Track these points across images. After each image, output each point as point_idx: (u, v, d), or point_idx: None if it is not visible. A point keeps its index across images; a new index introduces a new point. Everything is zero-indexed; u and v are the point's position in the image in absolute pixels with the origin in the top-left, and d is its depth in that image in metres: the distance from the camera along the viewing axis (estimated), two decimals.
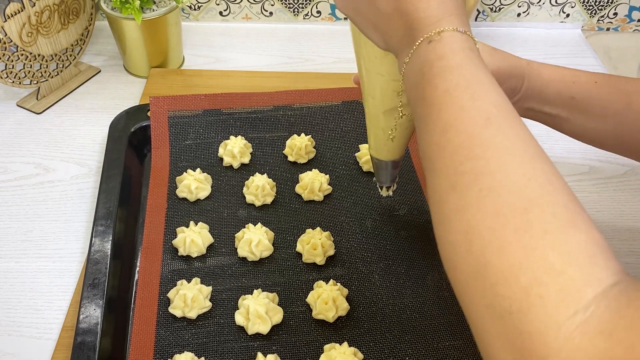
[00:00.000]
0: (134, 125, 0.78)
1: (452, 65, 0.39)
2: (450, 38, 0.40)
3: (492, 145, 0.36)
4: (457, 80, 0.38)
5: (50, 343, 0.60)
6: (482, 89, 0.38)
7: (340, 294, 0.61)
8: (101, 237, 0.64)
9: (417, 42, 0.41)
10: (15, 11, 0.78)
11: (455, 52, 0.40)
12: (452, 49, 0.40)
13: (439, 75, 0.39)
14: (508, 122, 0.37)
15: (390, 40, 0.45)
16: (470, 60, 0.40)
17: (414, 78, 0.42)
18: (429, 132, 0.39)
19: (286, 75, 0.93)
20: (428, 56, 0.40)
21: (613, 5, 1.04)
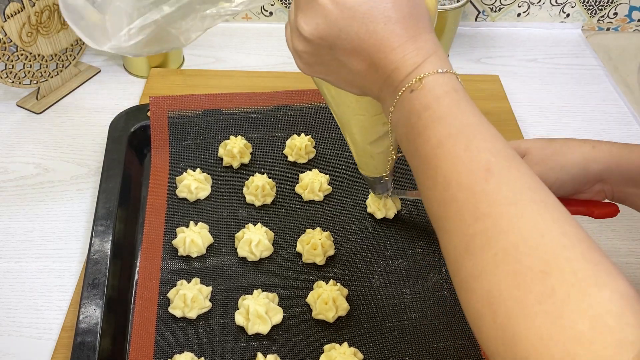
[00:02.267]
0: (134, 126, 0.78)
1: (439, 115, 0.38)
2: (432, 83, 0.39)
3: (498, 201, 0.34)
4: (448, 131, 0.37)
5: (50, 343, 0.60)
6: (476, 136, 0.37)
7: (340, 294, 0.61)
8: (101, 237, 0.64)
9: (398, 93, 0.40)
10: (15, 11, 0.78)
11: (440, 99, 0.38)
12: (435, 95, 0.39)
13: (428, 127, 0.38)
14: (509, 171, 0.35)
15: (370, 92, 0.44)
16: (457, 105, 0.38)
17: (402, 128, 0.41)
18: (430, 188, 0.38)
19: (286, 75, 0.93)
20: (413, 107, 0.39)
21: (613, 5, 1.04)
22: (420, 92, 0.39)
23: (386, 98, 0.42)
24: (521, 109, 0.90)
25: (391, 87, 0.41)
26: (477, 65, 0.99)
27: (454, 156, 0.36)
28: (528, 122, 0.88)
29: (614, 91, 0.94)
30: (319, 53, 0.43)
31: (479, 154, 0.36)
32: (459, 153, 0.36)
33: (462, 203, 0.35)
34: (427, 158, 0.38)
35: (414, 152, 0.40)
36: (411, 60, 0.40)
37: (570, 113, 0.90)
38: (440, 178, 0.37)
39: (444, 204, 0.36)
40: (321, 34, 0.41)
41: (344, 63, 0.42)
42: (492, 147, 0.36)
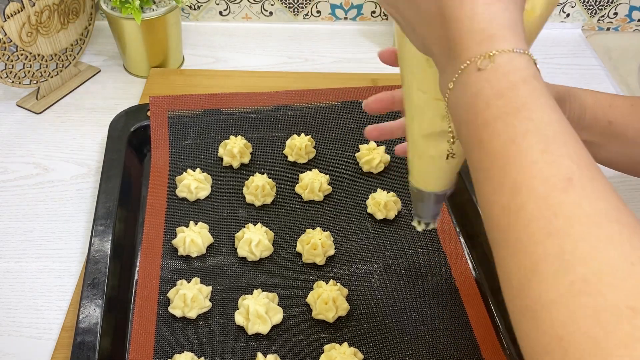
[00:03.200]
0: (134, 125, 0.78)
1: (515, 107, 0.32)
2: (508, 65, 0.33)
3: (578, 218, 0.29)
4: (525, 127, 0.31)
5: (50, 343, 0.60)
6: (557, 138, 0.31)
7: (340, 294, 0.61)
8: (101, 237, 0.64)
9: (462, 65, 0.34)
10: (15, 11, 0.78)
11: (517, 87, 0.32)
12: (511, 81, 0.32)
13: (500, 118, 0.32)
14: (592, 183, 0.30)
15: (432, 47, 0.37)
16: (536, 96, 0.32)
17: (463, 113, 0.35)
18: (494, 189, 0.32)
19: (286, 75, 0.93)
20: (481, 89, 0.33)
21: (613, 5, 1.04)
22: (491, 73, 0.33)
23: (445, 66, 0.36)
24: None
25: (453, 53, 0.34)
26: None
27: (528, 158, 0.31)
28: None
29: (614, 91, 0.94)
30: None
31: (559, 159, 0.31)
32: (535, 155, 0.31)
33: (533, 215, 0.30)
34: (494, 155, 0.32)
35: (476, 144, 0.34)
36: (482, 24, 0.33)
37: None
38: (508, 181, 0.31)
39: (509, 212, 0.31)
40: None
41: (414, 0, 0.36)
42: (574, 154, 0.31)
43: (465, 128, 0.35)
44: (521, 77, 0.33)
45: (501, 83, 0.33)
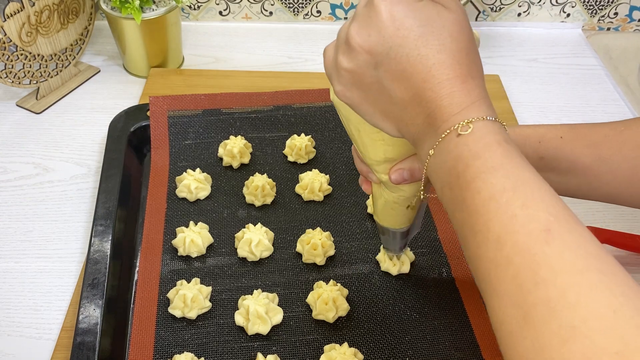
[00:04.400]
0: (134, 125, 0.78)
1: (492, 166, 0.35)
2: (482, 130, 0.36)
3: (561, 267, 0.31)
4: (502, 184, 0.34)
5: (49, 343, 0.60)
6: (533, 193, 0.34)
7: (340, 295, 0.61)
8: (101, 237, 0.64)
9: (442, 134, 0.37)
10: (14, 11, 0.78)
11: (492, 149, 0.35)
12: (487, 144, 0.36)
13: (478, 177, 0.35)
14: (570, 234, 0.32)
15: (406, 129, 0.41)
16: (510, 156, 0.35)
17: (444, 177, 0.38)
18: (480, 245, 0.34)
19: (286, 75, 0.93)
20: (460, 153, 0.36)
21: (613, 5, 1.04)
22: (469, 137, 0.36)
23: (425, 139, 0.39)
24: (521, 108, 0.90)
25: (433, 126, 0.38)
26: None
27: (509, 213, 0.33)
28: (528, 122, 0.88)
29: (614, 91, 0.94)
30: (362, 72, 0.40)
31: (537, 213, 0.33)
32: (515, 210, 0.33)
33: (520, 267, 0.32)
34: (476, 212, 0.35)
35: (459, 204, 0.36)
36: (459, 99, 0.37)
37: (570, 113, 0.90)
38: (492, 236, 0.33)
39: (496, 265, 0.33)
40: (371, 46, 0.38)
41: (385, 88, 0.39)
42: (551, 207, 0.33)
43: (448, 189, 0.37)
44: (495, 140, 0.36)
45: (478, 145, 0.36)
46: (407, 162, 0.48)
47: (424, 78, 0.37)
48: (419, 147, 0.40)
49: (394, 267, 0.64)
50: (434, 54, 0.37)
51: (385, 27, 0.38)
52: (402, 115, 0.40)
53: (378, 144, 0.47)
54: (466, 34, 0.38)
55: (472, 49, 0.39)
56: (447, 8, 0.38)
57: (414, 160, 0.47)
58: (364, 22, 0.39)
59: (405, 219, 0.55)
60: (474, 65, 0.38)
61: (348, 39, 0.39)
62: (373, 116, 0.42)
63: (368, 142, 0.47)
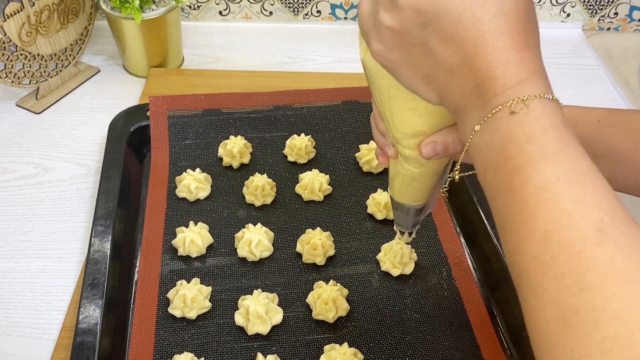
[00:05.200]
0: (134, 125, 0.78)
1: (547, 153, 0.32)
2: (539, 110, 0.33)
3: (611, 274, 0.29)
4: (556, 174, 0.31)
5: (49, 343, 0.60)
6: (587, 187, 0.31)
7: (340, 295, 0.61)
8: (100, 237, 0.64)
9: (493, 110, 0.34)
10: (14, 11, 0.78)
11: (549, 133, 0.32)
12: (543, 127, 0.32)
13: (531, 164, 0.32)
14: (625, 236, 0.30)
15: (450, 97, 0.37)
16: (566, 142, 0.32)
17: (491, 157, 0.34)
18: (522, 237, 0.32)
19: (286, 75, 0.93)
20: (512, 133, 0.33)
21: (614, 5, 1.04)
22: (523, 117, 0.33)
23: (470, 111, 0.35)
24: None
25: (482, 98, 0.34)
26: None
27: (560, 207, 0.31)
28: None
29: (614, 91, 0.94)
30: (407, 31, 0.36)
31: (591, 210, 0.30)
32: (567, 205, 0.31)
33: (565, 267, 0.30)
34: (524, 202, 0.32)
35: (504, 190, 0.33)
36: (514, 70, 0.33)
37: None
38: (538, 230, 0.31)
39: (539, 262, 0.31)
40: (420, 4, 0.34)
41: (432, 50, 0.35)
42: (606, 204, 0.31)
43: (493, 172, 0.34)
44: (552, 123, 0.33)
45: (533, 127, 0.33)
46: (440, 134, 0.43)
47: (477, 43, 0.34)
48: (462, 119, 0.36)
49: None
50: (489, 18, 0.33)
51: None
52: (447, 82, 0.36)
53: (409, 114, 0.43)
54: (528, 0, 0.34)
55: (532, 12, 0.35)
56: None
57: (449, 133, 0.43)
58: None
59: (422, 196, 0.51)
60: (532, 32, 0.35)
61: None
62: (412, 81, 0.38)
63: (398, 111, 0.43)
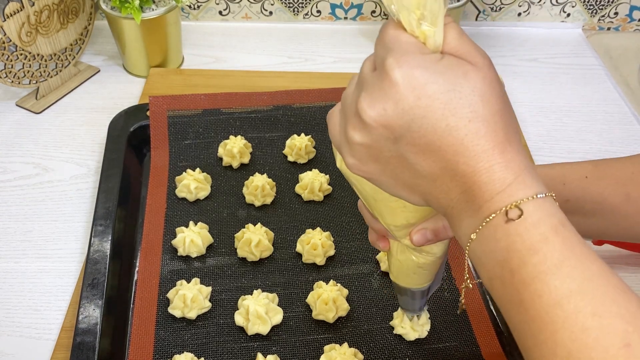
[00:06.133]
0: (134, 125, 0.78)
1: (553, 264, 0.30)
2: (535, 215, 0.31)
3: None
4: (567, 286, 0.30)
5: (49, 343, 0.60)
6: (603, 295, 0.30)
7: (340, 295, 0.61)
8: (100, 237, 0.64)
9: (486, 218, 0.32)
10: (14, 11, 0.78)
11: (550, 240, 0.31)
12: (543, 234, 0.31)
13: (538, 278, 0.30)
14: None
15: (436, 202, 0.36)
16: (571, 246, 0.31)
17: (494, 269, 0.33)
18: (544, 356, 0.31)
19: (286, 75, 0.93)
20: (512, 244, 0.31)
21: (614, 5, 1.04)
22: (520, 225, 0.31)
23: (461, 216, 0.34)
24: (522, 108, 0.90)
25: (472, 204, 0.33)
26: None
27: (579, 325, 0.29)
28: (528, 121, 0.88)
29: (614, 91, 0.94)
30: (379, 146, 0.35)
31: (613, 322, 0.29)
32: (586, 321, 0.29)
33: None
34: (539, 319, 0.30)
35: (515, 305, 0.32)
36: (500, 174, 0.32)
37: (570, 113, 0.90)
38: (561, 351, 0.29)
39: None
40: (388, 121, 0.33)
41: (408, 162, 0.34)
42: (626, 310, 0.29)
43: (500, 284, 0.33)
44: (551, 227, 0.31)
45: (532, 236, 0.31)
46: (430, 222, 0.43)
47: (456, 151, 0.32)
48: (454, 224, 0.35)
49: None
50: (465, 124, 0.32)
51: (404, 97, 0.32)
52: (430, 189, 0.35)
53: (398, 212, 0.42)
54: (498, 93, 0.33)
55: (507, 109, 0.34)
56: (473, 65, 0.33)
57: (438, 220, 0.42)
58: (376, 93, 0.33)
59: (427, 277, 0.49)
60: (510, 128, 0.33)
61: (359, 113, 0.34)
62: (394, 188, 0.37)
63: (386, 211, 0.43)
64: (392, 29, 0.34)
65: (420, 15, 0.33)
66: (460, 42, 0.33)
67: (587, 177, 0.51)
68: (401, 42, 0.33)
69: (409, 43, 0.33)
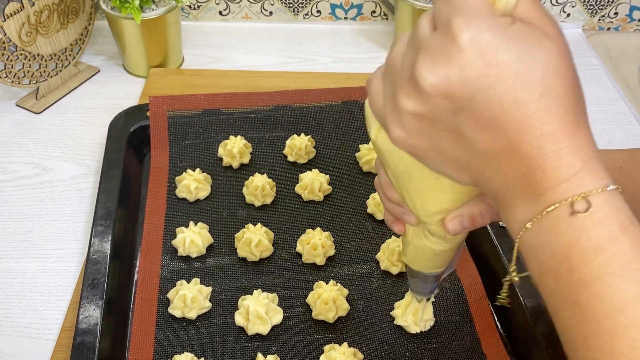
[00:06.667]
0: (134, 125, 0.78)
1: (620, 265, 0.28)
2: (605, 210, 0.29)
3: None
4: (635, 292, 0.28)
5: (49, 343, 0.60)
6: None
7: (340, 294, 0.61)
8: (100, 237, 0.64)
9: (548, 207, 0.30)
10: (14, 11, 0.78)
11: (619, 240, 0.29)
12: (611, 232, 0.29)
13: (602, 279, 0.28)
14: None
15: (487, 183, 0.33)
16: (637, 245, 0.29)
17: (549, 263, 0.30)
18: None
19: (286, 75, 0.93)
20: (576, 240, 0.29)
21: (614, 5, 1.04)
22: (587, 220, 0.29)
23: (516, 202, 0.31)
24: None
25: (532, 190, 0.30)
26: None
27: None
28: None
29: (614, 91, 0.94)
30: (435, 117, 0.31)
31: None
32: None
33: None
34: (596, 322, 0.29)
35: (569, 304, 0.30)
36: (568, 160, 0.29)
37: None
38: (619, 357, 0.28)
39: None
40: (450, 90, 0.29)
41: (465, 137, 0.31)
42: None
43: (553, 279, 0.30)
44: (620, 224, 0.29)
45: (600, 234, 0.29)
46: (467, 207, 0.39)
47: (522, 128, 0.29)
48: (507, 210, 0.32)
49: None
50: (535, 99, 0.29)
51: (471, 64, 0.29)
52: (484, 168, 0.32)
53: (432, 193, 0.38)
54: (572, 68, 0.30)
55: (579, 88, 0.31)
56: (547, 34, 0.29)
57: (476, 204, 0.39)
58: (438, 57, 0.29)
59: (443, 263, 0.47)
60: (581, 108, 0.31)
61: (417, 78, 0.30)
62: (441, 165, 0.34)
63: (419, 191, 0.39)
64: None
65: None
66: (532, 7, 0.30)
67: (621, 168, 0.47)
68: (470, 2, 0.29)
69: (477, 2, 0.29)
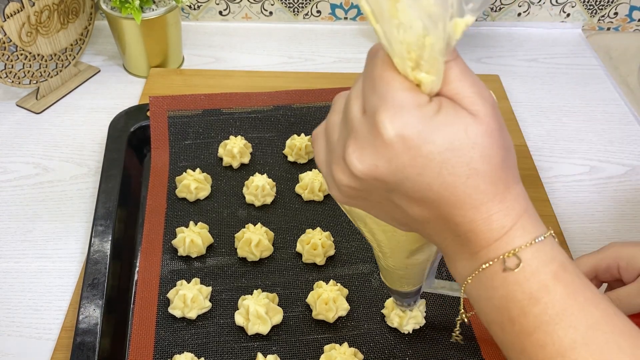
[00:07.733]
0: (134, 125, 0.78)
1: (554, 313, 0.30)
2: (534, 262, 0.30)
3: None
4: (571, 337, 0.29)
5: (49, 343, 0.60)
6: (608, 344, 0.29)
7: (340, 294, 0.61)
8: (101, 237, 0.64)
9: (483, 264, 0.31)
10: (14, 11, 0.78)
11: (551, 289, 0.30)
12: (543, 282, 0.30)
13: (540, 328, 0.30)
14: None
15: (429, 239, 0.35)
16: (572, 294, 0.30)
17: (493, 314, 0.32)
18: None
19: (286, 75, 0.93)
20: (512, 294, 0.31)
21: (613, 5, 1.04)
22: (519, 275, 0.30)
23: (456, 257, 0.33)
24: (521, 108, 0.90)
25: (467, 247, 0.32)
26: (478, 65, 0.99)
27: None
28: (528, 122, 0.88)
29: (614, 91, 0.94)
30: (368, 191, 0.32)
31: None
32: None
33: None
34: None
35: (516, 349, 0.31)
36: (498, 222, 0.31)
37: (570, 113, 0.90)
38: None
39: None
40: (379, 176, 0.31)
41: (399, 207, 0.32)
42: (632, 358, 0.29)
43: (500, 330, 0.32)
44: (551, 274, 0.30)
45: (532, 285, 0.30)
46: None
47: (452, 205, 0.30)
48: (450, 263, 0.34)
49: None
50: (463, 181, 0.30)
51: (397, 157, 0.29)
52: (422, 229, 0.34)
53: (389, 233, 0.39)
54: (500, 143, 0.30)
55: (508, 155, 0.31)
56: (474, 115, 0.30)
57: None
58: (366, 147, 0.30)
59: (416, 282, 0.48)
60: (510, 173, 0.31)
61: (347, 163, 0.31)
62: (384, 220, 0.36)
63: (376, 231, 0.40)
64: (384, 68, 0.29)
65: (415, 64, 0.29)
66: (461, 84, 0.30)
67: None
68: (394, 91, 0.29)
69: (402, 91, 0.29)
